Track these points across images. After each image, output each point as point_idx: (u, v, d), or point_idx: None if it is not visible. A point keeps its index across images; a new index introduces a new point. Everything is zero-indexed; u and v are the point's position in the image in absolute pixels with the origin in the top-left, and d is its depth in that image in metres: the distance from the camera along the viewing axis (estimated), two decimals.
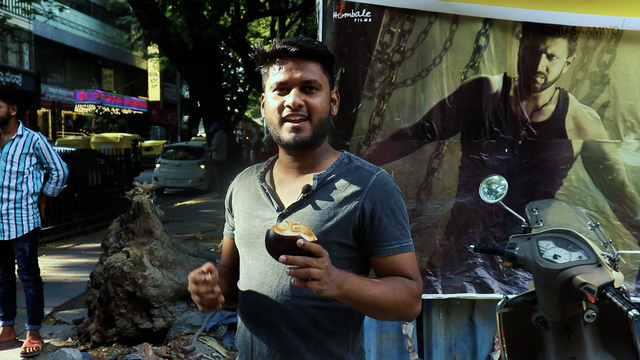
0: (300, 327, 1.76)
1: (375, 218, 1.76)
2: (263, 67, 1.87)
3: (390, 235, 1.77)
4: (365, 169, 1.84)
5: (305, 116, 1.78)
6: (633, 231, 3.52)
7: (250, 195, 1.92)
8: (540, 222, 2.79)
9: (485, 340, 3.79)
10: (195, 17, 16.04)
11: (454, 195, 3.61)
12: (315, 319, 1.77)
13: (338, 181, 1.81)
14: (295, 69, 1.78)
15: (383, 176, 1.82)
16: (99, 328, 4.92)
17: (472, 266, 3.61)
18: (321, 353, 1.78)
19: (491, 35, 3.55)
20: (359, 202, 1.76)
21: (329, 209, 1.77)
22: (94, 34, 36.26)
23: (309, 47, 1.78)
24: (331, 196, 1.79)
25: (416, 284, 1.77)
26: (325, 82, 1.83)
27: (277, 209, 1.83)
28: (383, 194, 1.78)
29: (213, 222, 12.35)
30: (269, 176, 1.93)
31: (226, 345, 4.68)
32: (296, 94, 1.77)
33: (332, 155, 1.91)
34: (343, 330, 1.81)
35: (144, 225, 5.10)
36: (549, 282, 2.43)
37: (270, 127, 1.84)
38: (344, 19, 3.60)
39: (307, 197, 1.80)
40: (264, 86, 1.88)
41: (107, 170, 12.99)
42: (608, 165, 3.52)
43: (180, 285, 4.91)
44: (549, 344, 2.59)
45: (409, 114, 3.62)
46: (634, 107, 3.49)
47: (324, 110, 1.81)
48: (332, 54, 1.86)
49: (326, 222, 1.76)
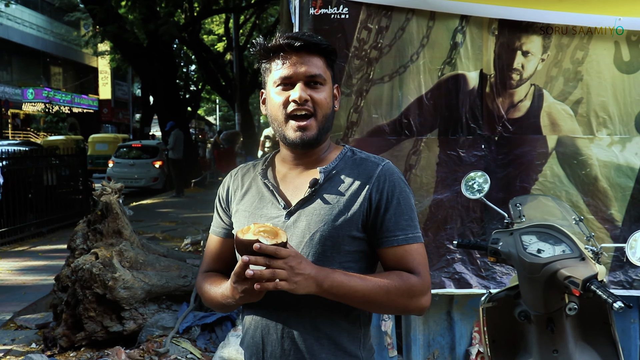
0: (314, 325, 1.74)
1: (381, 209, 1.76)
2: (265, 62, 1.84)
3: (395, 226, 1.76)
4: (370, 160, 1.83)
5: (311, 111, 1.76)
6: (605, 225, 3.60)
7: (252, 194, 1.89)
8: (522, 217, 2.83)
9: (463, 335, 3.83)
10: (151, 13, 15.82)
11: (431, 192, 3.63)
12: (329, 316, 1.75)
13: (344, 174, 1.80)
14: (300, 63, 1.76)
15: (388, 167, 1.81)
16: (66, 332, 4.79)
17: (451, 262, 3.64)
18: (335, 351, 1.76)
19: (467, 32, 3.57)
20: (366, 194, 1.76)
21: (338, 202, 1.76)
22: (42, 31, 35.34)
23: (313, 42, 1.78)
24: (339, 189, 1.78)
25: (417, 278, 1.74)
26: (328, 77, 1.82)
27: (283, 206, 1.80)
28: (389, 184, 1.77)
29: (172, 222, 12.19)
30: (270, 173, 1.90)
31: (200, 346, 4.62)
32: (302, 89, 1.75)
33: (334, 149, 1.90)
34: (355, 327, 1.80)
35: (112, 225, 4.98)
36: (534, 276, 2.46)
37: (274, 123, 1.82)
38: (321, 15, 3.58)
39: (315, 192, 1.78)
40: (265, 82, 1.86)
41: (62, 171, 12.70)
42: (581, 161, 3.58)
43: (151, 286, 4.82)
44: (532, 337, 2.62)
45: (386, 110, 3.62)
46: (606, 104, 3.56)
47: (328, 106, 1.80)
48: (335, 49, 1.85)
49: (337, 216, 1.74)
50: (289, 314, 1.75)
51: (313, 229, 1.74)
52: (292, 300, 1.72)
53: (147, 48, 17.94)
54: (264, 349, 1.79)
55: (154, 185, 19.11)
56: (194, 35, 22.73)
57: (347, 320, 1.78)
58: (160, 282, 4.94)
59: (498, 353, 2.80)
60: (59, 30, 36.84)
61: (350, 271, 1.74)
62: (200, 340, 4.70)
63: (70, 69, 40.13)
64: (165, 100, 19.39)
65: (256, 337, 1.81)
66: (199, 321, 4.79)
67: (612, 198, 3.58)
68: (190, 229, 10.79)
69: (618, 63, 3.56)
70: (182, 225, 11.59)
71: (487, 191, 2.92)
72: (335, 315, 1.75)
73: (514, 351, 2.76)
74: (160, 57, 18.14)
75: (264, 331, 1.79)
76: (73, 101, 36.90)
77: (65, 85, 38.75)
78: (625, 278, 3.56)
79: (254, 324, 1.82)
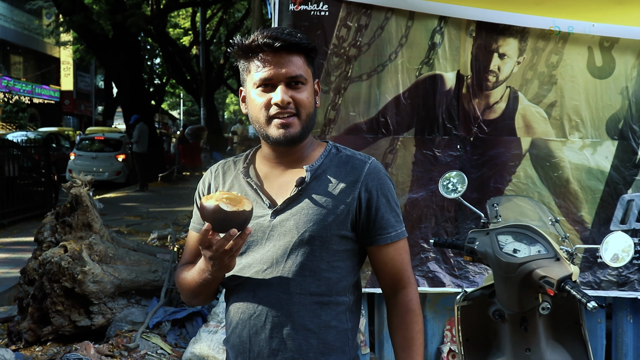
0: (303, 325, 1.74)
1: (372, 207, 1.77)
2: (243, 61, 1.81)
3: (387, 223, 1.79)
4: (357, 157, 1.83)
5: (294, 112, 1.74)
6: (576, 226, 3.67)
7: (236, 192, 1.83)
8: (499, 217, 2.87)
9: (435, 334, 3.86)
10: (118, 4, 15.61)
11: (407, 191, 3.66)
12: (318, 314, 1.75)
13: (331, 172, 1.80)
14: (280, 64, 1.73)
15: (375, 164, 1.82)
16: (32, 326, 4.71)
17: (425, 260, 3.67)
18: (323, 350, 1.76)
19: (446, 33, 3.61)
20: (355, 193, 1.77)
21: (326, 202, 1.75)
22: (2, 18, 34.44)
23: (293, 42, 1.74)
24: (327, 189, 1.77)
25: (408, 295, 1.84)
26: (309, 75, 1.80)
27: (269, 205, 1.79)
28: (377, 182, 1.79)
29: (137, 216, 12.03)
30: (252, 171, 1.88)
31: (170, 342, 4.58)
32: (283, 91, 1.72)
33: (318, 146, 1.89)
34: (343, 324, 1.80)
35: (82, 218, 4.90)
36: (509, 276, 2.49)
37: (256, 124, 1.79)
38: (301, 12, 3.57)
39: (302, 191, 1.77)
40: (244, 80, 1.83)
41: (24, 162, 12.44)
42: (554, 163, 3.64)
43: (121, 280, 4.76)
44: (505, 335, 2.66)
45: (364, 108, 3.64)
46: (578, 107, 3.63)
47: (310, 105, 1.78)
48: (315, 46, 1.83)
49: (326, 216, 1.74)
50: (278, 314, 1.74)
51: (302, 229, 1.73)
52: (282, 301, 1.73)
53: (113, 39, 17.69)
54: (250, 349, 1.77)
55: (117, 179, 18.79)
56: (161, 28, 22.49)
57: (337, 319, 1.78)
58: (130, 276, 4.88)
59: (471, 351, 2.83)
60: (20, 18, 35.99)
61: (338, 270, 1.77)
62: (170, 335, 4.66)
63: (31, 59, 39.24)
64: (131, 93, 19.16)
65: (243, 337, 1.79)
66: (169, 316, 4.75)
67: (582, 200, 3.66)
68: (156, 223, 10.67)
69: (591, 68, 3.63)
70: (147, 220, 11.46)
71: (463, 191, 2.95)
72: (325, 314, 1.76)
73: (487, 349, 2.80)
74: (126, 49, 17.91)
75: (251, 331, 1.77)
76: (34, 91, 36.10)
77: (26, 74, 37.89)
78: (593, 279, 3.64)
79: (241, 324, 1.79)
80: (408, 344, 1.80)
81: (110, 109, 31.72)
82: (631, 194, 3.64)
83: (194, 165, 21.90)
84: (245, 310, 1.78)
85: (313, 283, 1.74)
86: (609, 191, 3.64)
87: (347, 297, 1.81)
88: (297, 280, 1.73)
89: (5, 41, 34.98)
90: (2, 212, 11.03)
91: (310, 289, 1.73)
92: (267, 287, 1.75)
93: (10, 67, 36.35)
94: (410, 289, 1.84)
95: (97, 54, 19.22)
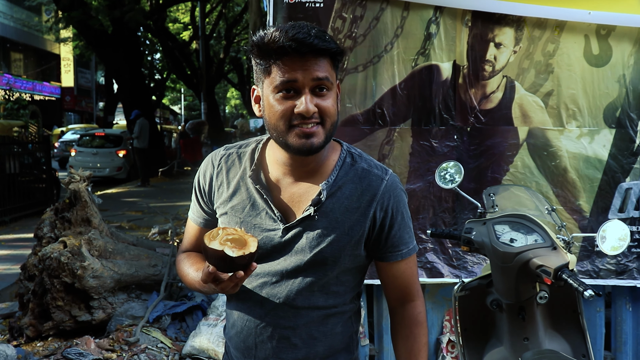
0: (310, 335, 1.74)
1: (385, 225, 1.72)
2: (261, 60, 1.63)
3: (400, 240, 1.75)
4: (373, 172, 1.73)
5: (318, 122, 1.60)
6: (574, 215, 3.66)
7: (241, 197, 1.75)
8: (495, 207, 2.86)
9: (434, 324, 3.87)
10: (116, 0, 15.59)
11: (404, 182, 3.65)
12: (325, 324, 1.75)
13: (347, 189, 1.71)
14: (306, 67, 1.57)
15: (392, 180, 1.74)
16: (33, 322, 4.72)
17: (423, 251, 3.67)
18: (329, 353, 1.77)
19: (441, 23, 3.59)
20: (371, 213, 1.70)
21: (342, 223, 1.69)
22: (2, 16, 34.41)
23: (321, 47, 1.58)
24: (342, 209, 1.69)
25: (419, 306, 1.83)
26: (334, 78, 1.64)
27: (279, 218, 1.71)
28: (394, 200, 1.73)
29: (138, 211, 12.04)
30: (262, 176, 1.75)
31: (170, 335, 4.59)
32: (308, 100, 1.57)
33: (332, 152, 1.75)
34: (349, 328, 1.81)
35: (81, 214, 4.91)
36: (506, 265, 2.49)
37: (274, 132, 1.64)
38: (296, 4, 3.56)
39: (317, 210, 1.68)
40: (260, 80, 1.66)
41: (25, 159, 12.44)
42: (551, 152, 3.63)
43: (120, 275, 4.77)
44: (503, 325, 2.66)
45: (360, 100, 3.63)
46: (575, 96, 3.62)
47: (335, 112, 1.64)
48: (343, 50, 1.73)
49: (340, 236, 1.69)
50: (285, 326, 1.73)
51: (315, 249, 1.68)
52: (290, 314, 1.72)
53: (112, 35, 17.67)
54: (257, 355, 1.77)
55: (118, 174, 18.81)
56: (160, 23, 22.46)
57: (343, 325, 1.79)
58: (130, 271, 4.89)
59: (470, 341, 2.83)
60: (19, 15, 35.95)
61: (347, 283, 1.76)
62: (170, 329, 4.67)
63: (31, 56, 39.22)
64: (130, 88, 19.14)
65: (248, 342, 1.78)
66: (169, 310, 4.75)
67: (580, 189, 3.65)
68: (157, 218, 10.68)
69: (588, 56, 3.62)
70: (148, 215, 11.46)
71: (460, 181, 2.95)
72: (332, 323, 1.76)
73: (485, 339, 2.80)
74: (126, 44, 17.89)
75: (257, 339, 1.76)
76: (34, 88, 36.13)
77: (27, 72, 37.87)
78: (592, 267, 3.64)
79: (247, 330, 1.77)
80: (415, 357, 1.78)
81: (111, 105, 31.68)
82: (629, 182, 3.63)
83: (195, 159, 21.89)
84: (252, 319, 1.76)
85: (321, 297, 1.72)
86: (607, 180, 3.64)
87: (353, 304, 1.82)
88: (306, 295, 1.71)
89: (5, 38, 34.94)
90: (3, 208, 11.05)
91: (318, 304, 1.72)
92: (274, 299, 1.72)
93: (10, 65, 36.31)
94: (418, 301, 1.83)
95: (97, 50, 19.22)
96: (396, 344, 1.82)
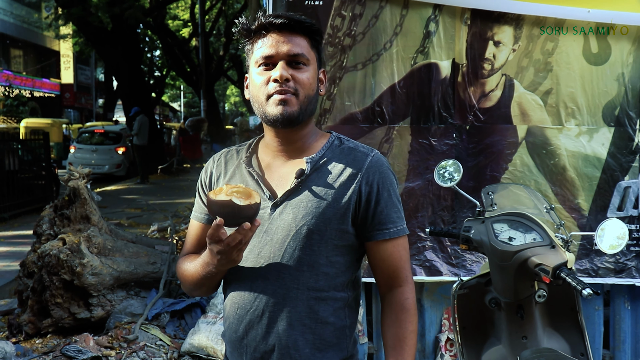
0: (300, 320, 1.71)
1: (371, 201, 1.72)
2: (248, 43, 1.78)
3: (387, 218, 1.73)
4: (359, 150, 1.78)
5: (292, 91, 1.69)
6: (573, 214, 3.67)
7: (235, 182, 1.81)
8: (494, 206, 2.86)
9: (433, 322, 3.87)
10: None
11: (403, 180, 3.65)
12: (315, 310, 1.71)
13: (332, 164, 1.75)
14: (282, 42, 1.70)
15: (378, 157, 1.77)
16: (32, 319, 4.72)
17: (421, 249, 3.67)
18: (319, 345, 1.73)
19: (440, 21, 3.59)
20: (356, 186, 1.72)
21: (326, 195, 1.71)
22: (1, 12, 34.34)
23: (296, 19, 1.72)
24: (327, 181, 1.73)
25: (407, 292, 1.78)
26: (313, 58, 1.75)
27: (268, 196, 1.75)
28: (379, 175, 1.74)
29: (138, 208, 12.05)
30: (255, 161, 1.83)
31: (169, 333, 4.59)
32: (283, 67, 1.69)
33: (321, 137, 1.83)
34: (341, 321, 1.76)
35: (80, 211, 4.91)
36: (505, 264, 2.49)
37: (255, 105, 1.75)
38: (295, 2, 3.56)
39: (302, 183, 1.73)
40: (248, 64, 1.80)
41: (24, 155, 12.44)
42: (550, 150, 3.64)
43: (119, 272, 4.77)
44: (502, 324, 2.66)
45: (359, 98, 3.63)
46: (574, 94, 3.62)
47: (311, 87, 1.73)
48: (319, 29, 1.79)
49: (326, 209, 1.70)
50: (274, 308, 1.71)
51: (300, 222, 1.70)
52: (279, 295, 1.70)
53: (112, 32, 17.67)
54: (247, 344, 1.75)
55: (117, 171, 18.82)
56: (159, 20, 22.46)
57: (334, 315, 1.75)
58: (129, 268, 4.89)
59: (468, 339, 2.83)
60: (19, 11, 35.90)
61: (337, 265, 1.73)
62: (169, 327, 4.67)
63: (31, 52, 39.17)
64: (130, 85, 19.15)
65: (239, 332, 1.76)
66: (168, 308, 4.76)
67: (579, 187, 3.65)
68: (157, 215, 10.68)
69: (587, 55, 3.62)
70: (147, 212, 11.47)
71: (459, 179, 2.95)
72: (322, 310, 1.72)
73: (483, 338, 2.80)
74: (125, 41, 17.89)
75: (247, 325, 1.74)
76: (34, 85, 36.10)
77: (26, 68, 37.83)
78: (591, 266, 3.64)
79: (238, 318, 1.77)
80: (400, 343, 1.74)
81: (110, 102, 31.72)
82: (628, 181, 3.63)
83: (195, 157, 21.91)
84: (242, 304, 1.75)
85: (311, 278, 1.70)
86: (606, 178, 3.64)
87: (345, 292, 1.77)
88: (295, 275, 1.70)
89: (5, 35, 34.88)
90: (3, 205, 11.05)
91: (308, 284, 1.70)
92: (263, 280, 1.72)
93: (10, 61, 36.25)
94: (407, 287, 1.79)
95: (96, 47, 19.23)
96: (383, 331, 1.79)
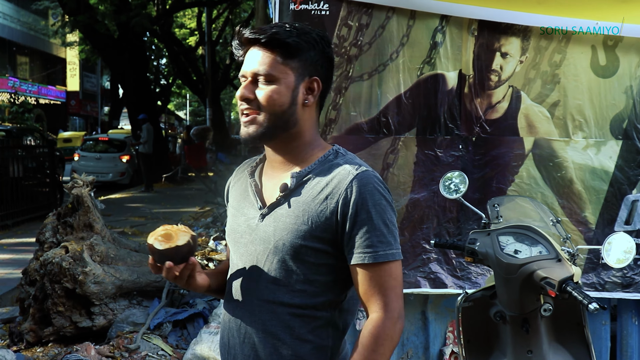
0: (275, 334, 1.67)
1: (347, 223, 1.62)
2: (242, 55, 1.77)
3: (363, 242, 1.62)
4: (345, 167, 1.68)
5: (256, 111, 1.67)
6: (579, 227, 3.63)
7: (240, 191, 1.85)
8: (500, 218, 2.84)
9: (437, 335, 3.84)
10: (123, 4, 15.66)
11: (408, 191, 3.63)
12: (291, 326, 1.67)
13: (316, 180, 1.68)
14: (252, 60, 1.69)
15: (363, 175, 1.65)
16: (33, 327, 4.71)
17: (426, 261, 3.64)
18: None
19: (447, 32, 3.58)
20: (334, 206, 1.63)
21: (303, 211, 1.66)
22: (9, 19, 34.57)
23: (269, 33, 1.66)
24: (307, 198, 1.67)
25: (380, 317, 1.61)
26: (284, 71, 1.67)
27: (259, 207, 1.75)
28: (359, 195, 1.62)
29: (142, 217, 12.05)
30: (259, 171, 1.84)
31: (171, 343, 4.58)
32: (244, 86, 1.69)
33: (319, 150, 1.76)
34: (322, 340, 1.70)
35: (83, 219, 4.90)
36: (510, 277, 2.47)
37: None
38: (301, 11, 3.55)
39: (285, 197, 1.70)
40: None
41: (29, 162, 12.45)
42: (557, 163, 3.61)
43: (122, 281, 4.76)
44: (507, 337, 2.64)
45: (365, 108, 3.62)
46: (582, 107, 3.59)
47: (277, 103, 1.66)
48: (298, 40, 1.68)
49: (301, 226, 1.65)
50: (250, 320, 1.70)
51: (277, 237, 1.67)
52: (255, 307, 1.69)
53: (118, 40, 17.77)
54: (228, 352, 1.76)
55: (121, 180, 18.81)
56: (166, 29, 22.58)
57: (312, 332, 1.68)
58: (132, 277, 4.88)
59: (473, 353, 2.80)
60: (26, 19, 36.12)
61: (315, 284, 1.67)
62: (171, 336, 4.66)
63: (37, 59, 39.38)
64: (136, 93, 19.23)
65: (224, 339, 1.79)
66: (171, 317, 4.74)
67: (586, 201, 3.62)
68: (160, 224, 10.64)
69: (594, 67, 3.59)
70: (151, 221, 11.46)
71: (464, 191, 2.93)
72: (299, 326, 1.67)
73: (488, 351, 2.78)
74: (131, 49, 17.98)
75: (229, 334, 1.76)
76: (40, 92, 36.25)
77: (32, 75, 38.02)
78: (597, 280, 3.60)
79: (223, 325, 1.81)
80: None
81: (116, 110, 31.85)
82: (636, 195, 3.60)
83: (200, 166, 21.89)
84: (229, 316, 1.78)
85: (287, 294, 1.67)
86: (613, 191, 3.61)
87: (328, 312, 1.69)
88: (271, 289, 1.68)
89: (12, 42, 35.07)
90: (6, 212, 11.03)
91: (283, 300, 1.67)
92: (244, 291, 1.73)
93: (16, 68, 36.44)
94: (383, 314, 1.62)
95: (103, 54, 19.35)
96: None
